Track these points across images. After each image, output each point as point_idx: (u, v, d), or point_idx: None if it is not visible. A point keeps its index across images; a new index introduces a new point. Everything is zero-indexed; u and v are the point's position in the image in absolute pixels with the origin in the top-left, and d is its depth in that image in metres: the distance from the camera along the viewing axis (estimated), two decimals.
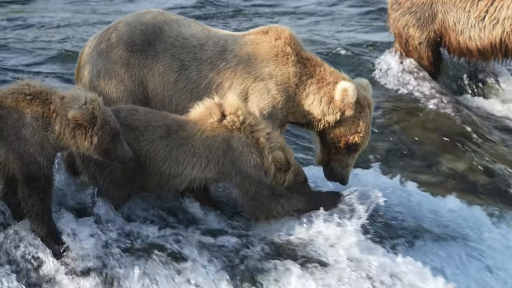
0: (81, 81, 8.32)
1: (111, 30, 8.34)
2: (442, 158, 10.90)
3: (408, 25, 12.18)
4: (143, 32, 8.26)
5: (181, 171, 7.70)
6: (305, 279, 7.40)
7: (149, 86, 8.24)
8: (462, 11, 11.85)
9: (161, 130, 7.72)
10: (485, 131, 11.76)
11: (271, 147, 7.79)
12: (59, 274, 7.21)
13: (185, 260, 7.40)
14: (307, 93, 8.23)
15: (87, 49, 8.38)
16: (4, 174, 7.26)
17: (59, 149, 7.28)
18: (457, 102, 12.37)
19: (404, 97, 12.15)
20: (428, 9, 12.05)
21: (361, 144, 8.30)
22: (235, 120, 7.76)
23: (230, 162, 7.69)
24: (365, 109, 8.27)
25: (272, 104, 8.19)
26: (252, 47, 8.27)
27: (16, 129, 7.12)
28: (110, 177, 7.66)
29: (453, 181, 10.43)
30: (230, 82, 8.19)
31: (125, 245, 7.42)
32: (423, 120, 11.64)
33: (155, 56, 8.23)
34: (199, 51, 8.26)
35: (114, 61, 8.23)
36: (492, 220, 9.17)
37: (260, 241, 7.74)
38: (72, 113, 7.11)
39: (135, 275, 7.23)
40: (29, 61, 12.67)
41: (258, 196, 7.71)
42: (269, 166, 7.78)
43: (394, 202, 8.78)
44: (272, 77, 8.20)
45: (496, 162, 10.96)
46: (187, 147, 7.71)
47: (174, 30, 8.30)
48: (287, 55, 8.24)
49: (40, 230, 7.26)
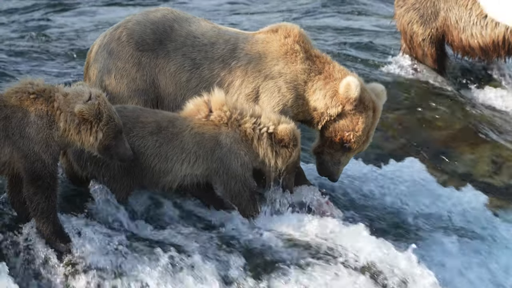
0: (90, 80, 8.33)
1: (121, 28, 8.32)
2: (451, 155, 10.79)
3: (412, 21, 12.15)
4: (153, 31, 8.24)
5: (171, 168, 7.75)
6: (308, 277, 7.42)
7: (160, 85, 8.23)
8: (464, 9, 11.76)
9: (151, 126, 7.76)
10: (494, 128, 11.61)
11: (261, 133, 7.83)
12: (64, 272, 7.20)
13: (190, 258, 7.39)
14: (314, 89, 8.22)
15: (96, 47, 8.37)
16: (9, 173, 7.27)
17: (63, 146, 7.29)
18: (463, 97, 12.25)
19: (411, 93, 12.02)
20: (431, 6, 12.02)
21: (354, 144, 8.25)
22: (221, 115, 7.83)
23: (219, 159, 7.78)
24: (368, 111, 8.22)
25: (283, 102, 8.19)
26: (262, 45, 8.27)
27: (21, 128, 7.13)
28: (109, 173, 7.71)
29: (464, 178, 10.32)
30: (241, 81, 8.18)
31: (130, 244, 7.42)
32: (431, 116, 11.52)
33: (166, 55, 8.22)
34: (210, 49, 8.24)
35: (125, 60, 8.23)
36: (504, 218, 9.09)
37: (265, 239, 7.75)
38: (79, 108, 7.11)
39: (140, 273, 7.23)
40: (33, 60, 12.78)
41: (238, 196, 7.88)
42: (265, 151, 7.85)
43: (403, 198, 8.87)
44: (281, 75, 8.20)
45: (506, 159, 10.82)
46: (176, 143, 7.76)
47: (184, 29, 8.28)
48: (296, 53, 8.23)
49: (45, 229, 7.27)
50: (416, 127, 11.20)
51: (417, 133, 11.06)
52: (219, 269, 7.38)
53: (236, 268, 7.42)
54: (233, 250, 7.57)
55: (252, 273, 7.43)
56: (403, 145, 10.76)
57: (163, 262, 7.29)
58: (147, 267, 7.25)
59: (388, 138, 10.75)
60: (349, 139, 8.21)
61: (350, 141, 8.22)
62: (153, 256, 7.32)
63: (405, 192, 8.99)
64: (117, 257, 7.28)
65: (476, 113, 11.84)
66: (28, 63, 12.09)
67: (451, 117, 11.48)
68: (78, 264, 7.21)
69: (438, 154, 10.69)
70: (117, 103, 8.00)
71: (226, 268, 7.41)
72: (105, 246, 7.33)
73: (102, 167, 7.70)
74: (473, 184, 9.89)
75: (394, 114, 11.20)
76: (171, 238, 7.59)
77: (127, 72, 8.22)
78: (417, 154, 10.45)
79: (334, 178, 8.39)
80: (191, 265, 7.33)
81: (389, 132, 10.88)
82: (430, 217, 8.75)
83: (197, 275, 7.30)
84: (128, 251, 7.34)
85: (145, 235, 7.59)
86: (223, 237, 7.71)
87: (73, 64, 12.04)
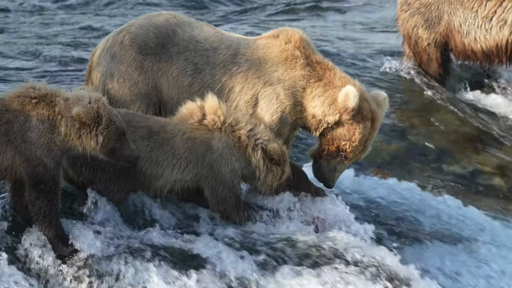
0: (93, 84, 8.34)
1: (124, 32, 8.34)
2: (452, 160, 10.81)
3: (417, 26, 12.10)
4: (156, 35, 8.26)
5: (161, 172, 7.78)
6: (309, 280, 7.44)
7: (163, 89, 8.24)
8: (469, 11, 11.72)
9: (142, 131, 7.78)
10: (496, 132, 11.60)
11: (256, 144, 7.85)
12: (66, 276, 7.25)
13: (193, 261, 7.43)
14: (313, 96, 8.18)
15: (99, 51, 8.39)
16: (11, 177, 7.32)
17: (65, 151, 7.32)
18: (465, 102, 12.25)
19: (413, 98, 12.00)
20: (435, 10, 11.97)
21: (350, 154, 8.20)
22: (215, 120, 7.85)
23: (209, 164, 7.79)
24: (366, 122, 8.16)
25: (281, 109, 8.16)
26: (263, 51, 8.25)
27: (23, 132, 7.18)
28: (105, 176, 7.74)
29: (465, 183, 10.34)
30: (241, 87, 8.18)
31: (132, 247, 7.45)
32: (432, 121, 11.51)
33: (168, 59, 8.23)
34: (212, 54, 8.25)
35: (128, 63, 8.25)
36: (505, 222, 9.08)
37: (267, 243, 7.77)
38: (76, 111, 7.15)
39: (142, 277, 7.27)
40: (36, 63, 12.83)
41: (224, 203, 7.87)
42: (258, 163, 7.87)
43: (404, 204, 8.87)
44: (280, 81, 8.17)
45: (509, 163, 10.80)
46: (167, 148, 7.79)
47: (187, 33, 8.30)
48: (296, 59, 8.20)
49: (47, 232, 7.32)
50: (418, 131, 11.21)
51: (418, 137, 11.06)
52: (221, 272, 7.41)
53: (238, 272, 7.45)
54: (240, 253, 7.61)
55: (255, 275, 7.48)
56: (404, 149, 10.75)
57: (165, 266, 7.33)
58: (149, 271, 7.29)
59: (389, 142, 10.75)
60: (345, 148, 8.18)
61: (346, 150, 8.18)
62: (156, 259, 7.35)
63: (404, 196, 8.98)
64: (119, 261, 7.32)
65: (478, 117, 11.85)
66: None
67: (453, 121, 11.48)
68: (80, 268, 7.25)
69: (439, 158, 10.69)
70: (119, 107, 8.03)
71: (231, 273, 7.43)
72: (107, 249, 7.38)
73: (98, 171, 7.72)
74: (474, 187, 9.89)
75: (394, 118, 11.21)
76: (172, 241, 7.61)
77: (130, 76, 8.24)
78: (418, 158, 10.47)
79: (329, 184, 8.36)
80: (194, 268, 7.37)
81: (391, 136, 10.89)
82: (428, 221, 8.74)
83: (199, 278, 7.32)
84: (130, 254, 7.37)
85: (147, 238, 7.60)
86: (225, 239, 7.76)
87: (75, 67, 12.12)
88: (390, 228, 8.48)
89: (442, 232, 8.64)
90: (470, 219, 8.91)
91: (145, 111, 8.18)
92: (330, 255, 7.62)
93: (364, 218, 8.59)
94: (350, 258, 7.60)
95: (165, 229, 7.75)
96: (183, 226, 7.89)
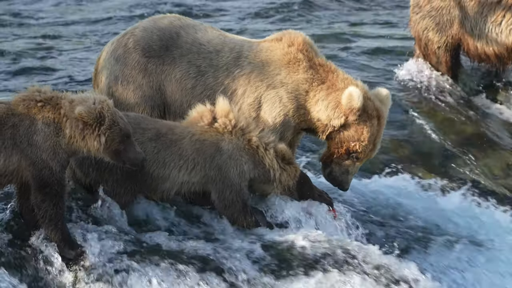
0: (99, 87, 8.38)
1: (128, 35, 8.38)
2: (458, 161, 10.82)
3: (428, 28, 12.10)
4: (160, 37, 8.28)
5: (168, 174, 7.79)
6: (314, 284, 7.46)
7: (167, 91, 8.27)
8: (479, 16, 11.68)
9: (150, 133, 7.80)
10: (503, 134, 11.65)
11: (267, 143, 7.87)
12: (72, 279, 7.27)
13: (195, 265, 7.42)
14: (316, 100, 8.19)
15: (104, 55, 8.43)
16: (17, 181, 7.32)
17: (71, 153, 7.33)
18: (473, 104, 12.26)
19: (422, 100, 12.02)
20: (447, 14, 11.94)
21: (362, 154, 8.20)
22: (226, 123, 7.86)
23: (217, 166, 7.79)
24: (372, 120, 8.16)
25: (284, 113, 8.18)
26: (266, 54, 8.26)
27: (28, 135, 7.19)
28: (112, 178, 7.75)
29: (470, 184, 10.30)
30: (244, 90, 8.19)
31: (137, 251, 7.46)
32: (438, 123, 11.52)
33: (172, 62, 8.25)
34: (215, 57, 8.26)
35: (132, 66, 8.28)
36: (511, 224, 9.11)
37: (273, 247, 7.76)
38: (78, 110, 7.16)
39: (147, 281, 7.27)
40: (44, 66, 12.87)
41: (231, 207, 7.85)
42: (271, 163, 7.88)
43: (414, 205, 8.86)
44: (283, 85, 8.18)
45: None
46: (174, 149, 7.79)
47: (190, 36, 8.31)
48: (298, 62, 8.21)
49: (54, 236, 7.33)
50: (426, 133, 11.22)
51: (427, 139, 11.07)
52: (226, 276, 7.42)
53: (245, 275, 7.47)
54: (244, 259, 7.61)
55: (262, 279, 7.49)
56: (412, 151, 10.76)
57: (170, 270, 7.34)
58: (153, 274, 7.30)
59: (397, 144, 10.77)
60: (355, 149, 8.16)
61: (356, 151, 8.17)
62: (161, 264, 7.36)
63: (411, 197, 8.98)
64: (124, 264, 7.32)
65: (487, 119, 11.85)
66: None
67: (461, 123, 11.48)
68: (86, 271, 7.27)
69: (447, 160, 10.70)
70: (124, 109, 8.05)
71: (236, 277, 7.45)
72: (112, 253, 7.39)
73: (105, 172, 7.74)
74: (482, 190, 9.91)
75: (400, 119, 11.23)
76: (177, 244, 7.62)
77: (134, 79, 8.27)
78: (426, 160, 10.47)
79: (344, 188, 8.34)
80: (200, 272, 7.38)
81: (399, 138, 10.91)
82: (436, 223, 8.73)
83: (205, 281, 7.33)
84: (136, 259, 7.37)
85: (152, 242, 7.61)
86: (228, 244, 7.74)
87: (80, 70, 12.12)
88: (395, 229, 8.50)
89: (447, 233, 8.65)
90: (475, 220, 8.91)
91: (150, 114, 8.21)
92: (333, 258, 7.63)
93: (367, 219, 8.64)
94: (355, 261, 7.60)
95: (171, 232, 7.77)
96: (188, 229, 7.91)
